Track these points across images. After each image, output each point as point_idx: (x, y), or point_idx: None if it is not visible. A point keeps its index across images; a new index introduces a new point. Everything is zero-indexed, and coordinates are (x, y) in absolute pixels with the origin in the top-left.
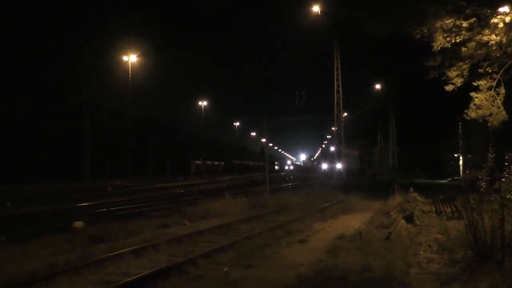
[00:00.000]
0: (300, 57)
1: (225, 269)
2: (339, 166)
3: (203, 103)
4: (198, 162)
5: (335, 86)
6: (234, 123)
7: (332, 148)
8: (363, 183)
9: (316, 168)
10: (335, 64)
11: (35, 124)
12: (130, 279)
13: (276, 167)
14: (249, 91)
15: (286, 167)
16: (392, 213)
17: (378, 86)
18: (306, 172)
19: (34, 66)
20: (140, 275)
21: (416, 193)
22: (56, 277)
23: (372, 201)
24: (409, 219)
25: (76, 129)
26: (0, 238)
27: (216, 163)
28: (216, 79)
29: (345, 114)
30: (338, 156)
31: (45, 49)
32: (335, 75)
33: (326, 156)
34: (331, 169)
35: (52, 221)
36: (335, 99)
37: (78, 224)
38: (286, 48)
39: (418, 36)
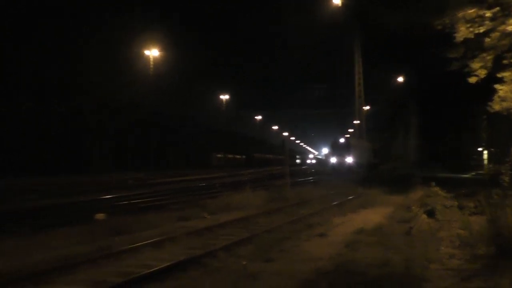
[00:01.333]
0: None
1: (244, 262)
2: (349, 160)
3: (224, 97)
4: (219, 155)
5: (356, 79)
6: (255, 117)
7: (342, 140)
8: (383, 177)
9: (340, 162)
10: (356, 57)
11: (60, 118)
12: (149, 271)
13: (298, 161)
14: (271, 84)
15: (308, 161)
16: (413, 207)
17: (399, 79)
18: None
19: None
20: (159, 267)
21: (438, 187)
22: (76, 267)
23: (393, 195)
24: (431, 213)
25: (97, 122)
26: (24, 229)
27: (237, 156)
28: (237, 73)
29: (367, 107)
30: (347, 148)
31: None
32: (356, 68)
33: (335, 148)
34: (341, 163)
35: (74, 213)
36: (356, 92)
37: (100, 216)
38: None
39: (440, 27)
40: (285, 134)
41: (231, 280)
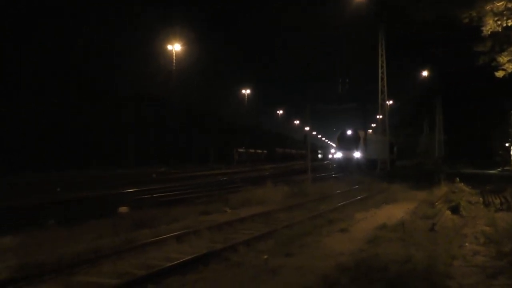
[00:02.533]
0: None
1: (265, 256)
2: (357, 155)
3: (246, 91)
4: (241, 150)
5: (380, 74)
6: (277, 111)
7: (349, 132)
8: (407, 173)
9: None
10: (380, 51)
11: (84, 114)
12: (171, 264)
13: (320, 156)
14: (292, 79)
15: (330, 156)
16: (437, 203)
17: (424, 73)
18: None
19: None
20: (181, 260)
21: (462, 183)
22: (101, 260)
23: (417, 191)
24: (455, 210)
25: (122, 116)
26: (50, 221)
27: (259, 151)
28: (260, 67)
29: (390, 102)
30: (356, 142)
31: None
32: (380, 62)
33: (341, 142)
34: (347, 159)
35: (98, 206)
36: (380, 86)
37: (123, 209)
38: (330, 35)
39: (467, 20)
40: (307, 128)
41: (251, 274)
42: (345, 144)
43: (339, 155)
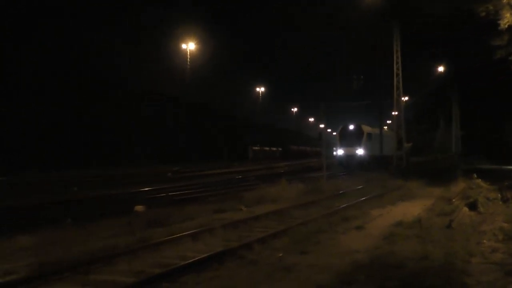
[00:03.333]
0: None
1: (280, 254)
2: (360, 151)
3: (260, 89)
4: (256, 148)
5: (395, 69)
6: (292, 109)
7: (352, 127)
8: (423, 169)
9: (349, 154)
10: (395, 47)
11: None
12: (186, 262)
13: (334, 153)
14: (306, 76)
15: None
16: (454, 200)
17: (439, 69)
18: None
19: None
20: (196, 258)
21: (480, 179)
22: (116, 258)
23: (433, 188)
24: (473, 206)
25: (135, 115)
26: (66, 220)
27: (273, 149)
28: (274, 65)
29: (406, 98)
30: (358, 137)
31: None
32: (395, 58)
33: (343, 137)
34: (350, 156)
35: (114, 205)
36: (395, 82)
37: (139, 207)
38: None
39: (483, 14)
40: (322, 126)
41: (266, 272)
42: (347, 140)
43: (340, 152)
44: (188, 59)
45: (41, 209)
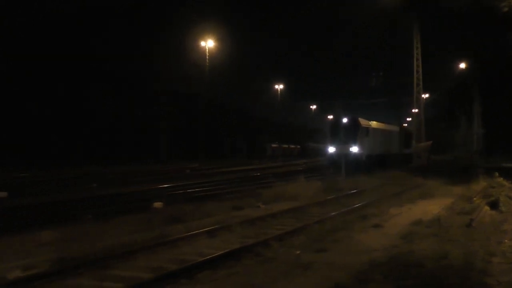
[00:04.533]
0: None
1: (297, 252)
2: (355, 149)
3: (279, 87)
4: (274, 145)
5: (415, 66)
6: (310, 106)
7: (346, 120)
8: (443, 167)
9: (342, 153)
10: (415, 43)
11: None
12: (203, 258)
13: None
14: (324, 73)
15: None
16: (475, 198)
17: (461, 65)
18: None
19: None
20: (213, 255)
21: (502, 178)
22: (134, 254)
23: (454, 186)
24: (494, 205)
25: (154, 113)
26: (87, 216)
27: (292, 146)
28: (293, 63)
29: (426, 95)
30: (354, 132)
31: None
32: (415, 54)
33: (334, 132)
34: (343, 154)
35: (133, 201)
36: (415, 79)
37: (158, 204)
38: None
39: (506, 9)
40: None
41: (283, 269)
42: (340, 135)
43: (331, 149)
44: (207, 57)
45: (62, 205)
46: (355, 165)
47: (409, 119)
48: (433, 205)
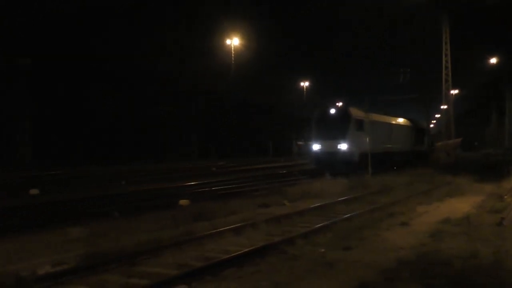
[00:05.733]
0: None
1: (322, 250)
2: (344, 146)
3: (305, 84)
4: (301, 142)
5: (444, 62)
6: (337, 103)
7: (334, 111)
8: (473, 165)
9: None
10: (444, 39)
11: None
12: (229, 256)
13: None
14: (350, 70)
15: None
16: (506, 196)
17: (492, 60)
18: None
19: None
20: (238, 252)
21: None
22: (161, 250)
23: (484, 184)
24: None
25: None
26: (114, 213)
27: None
28: (318, 60)
29: (455, 91)
30: (343, 126)
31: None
32: (444, 50)
33: (321, 126)
34: (330, 153)
35: (160, 198)
36: (443, 75)
37: (184, 202)
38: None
39: None
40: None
41: (308, 267)
42: (327, 129)
43: (316, 147)
44: (233, 55)
45: (92, 202)
46: (344, 166)
47: (438, 115)
48: (462, 203)
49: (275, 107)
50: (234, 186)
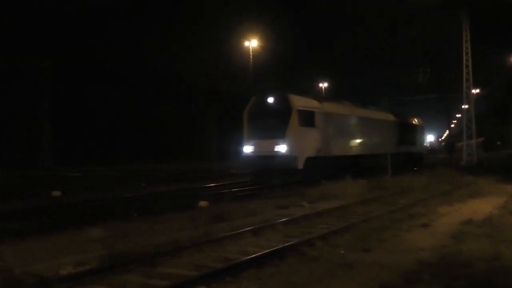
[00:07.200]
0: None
1: (342, 251)
2: (283, 148)
3: (323, 85)
4: None
5: (464, 61)
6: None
7: (271, 100)
8: (495, 165)
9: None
10: (464, 37)
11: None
12: (248, 257)
13: None
14: (371, 69)
15: None
16: None
17: None
18: (433, 153)
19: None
20: (257, 254)
21: None
22: (180, 251)
23: (507, 185)
24: None
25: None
26: (133, 214)
27: None
28: (336, 59)
29: (477, 90)
30: (283, 121)
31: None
32: (464, 48)
33: (255, 122)
34: (266, 159)
35: (179, 200)
36: (464, 74)
37: (203, 203)
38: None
39: None
40: None
41: (328, 268)
42: (263, 125)
43: (247, 149)
44: (251, 57)
45: (112, 203)
46: (283, 174)
47: (458, 115)
48: (484, 204)
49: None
50: (253, 187)
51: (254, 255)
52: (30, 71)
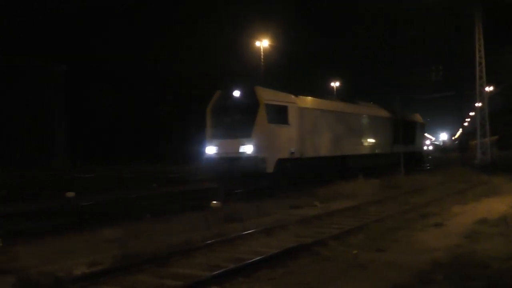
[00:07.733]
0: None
1: (355, 251)
2: (249, 149)
3: (335, 84)
4: None
5: (477, 58)
6: (370, 102)
7: (236, 93)
8: (511, 163)
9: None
10: (477, 34)
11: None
12: (260, 257)
13: None
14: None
15: (425, 147)
16: None
17: None
18: (446, 152)
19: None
20: (270, 254)
21: None
22: (193, 252)
23: None
24: None
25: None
26: (146, 215)
27: None
28: (348, 57)
29: (490, 88)
30: (249, 118)
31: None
32: (477, 46)
33: (216, 119)
34: (230, 161)
35: (191, 200)
36: (477, 72)
37: (215, 203)
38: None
39: None
40: None
41: (341, 268)
42: (227, 123)
43: (210, 150)
44: (262, 57)
45: (125, 203)
46: (249, 179)
47: (472, 113)
48: (499, 203)
49: None
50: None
51: (267, 255)
52: (43, 74)
